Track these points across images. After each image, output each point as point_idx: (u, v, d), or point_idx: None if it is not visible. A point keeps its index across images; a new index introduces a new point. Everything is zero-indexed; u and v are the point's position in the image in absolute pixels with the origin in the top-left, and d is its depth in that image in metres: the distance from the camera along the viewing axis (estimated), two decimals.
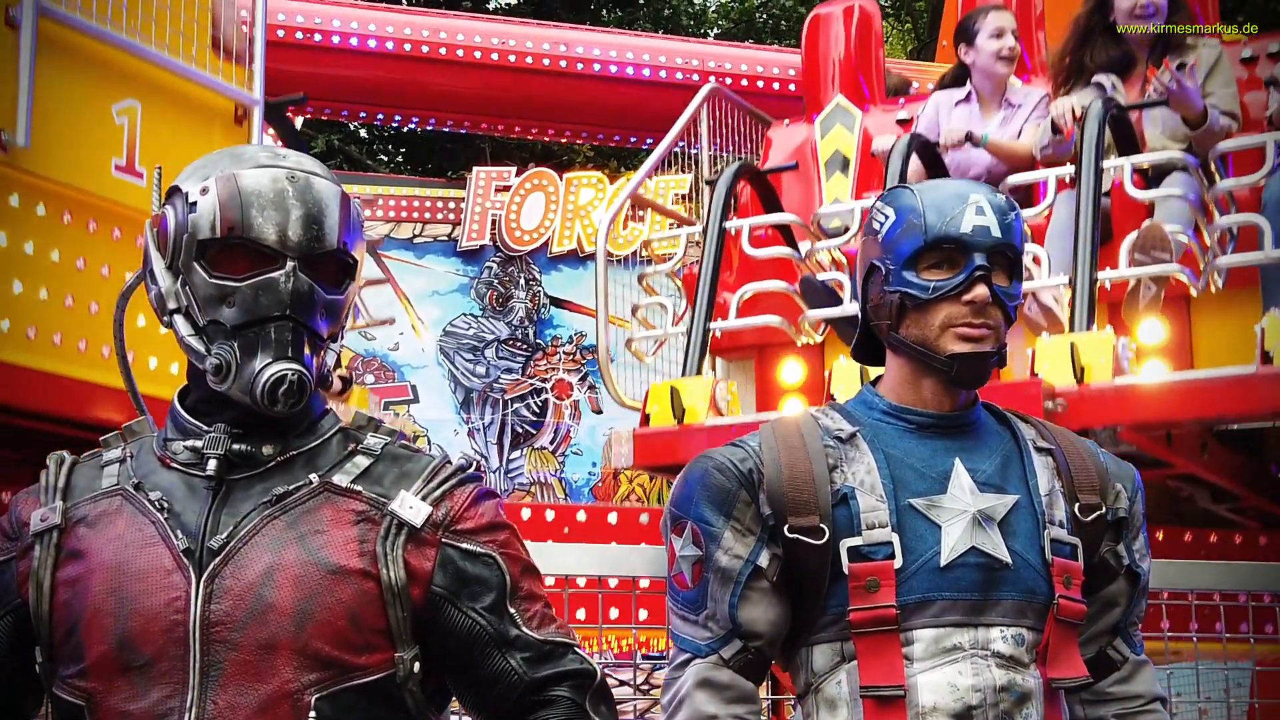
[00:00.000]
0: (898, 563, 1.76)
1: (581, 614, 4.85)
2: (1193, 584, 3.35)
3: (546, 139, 13.13)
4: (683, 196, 6.39)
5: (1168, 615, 4.05)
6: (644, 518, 5.65)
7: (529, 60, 11.01)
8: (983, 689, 1.74)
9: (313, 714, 1.54)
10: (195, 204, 1.61)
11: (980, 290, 1.79)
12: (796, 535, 1.77)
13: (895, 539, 1.76)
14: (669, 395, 5.45)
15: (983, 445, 1.86)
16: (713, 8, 19.64)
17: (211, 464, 1.61)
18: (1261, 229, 4.63)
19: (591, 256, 12.28)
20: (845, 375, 5.02)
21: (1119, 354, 4.59)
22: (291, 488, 1.62)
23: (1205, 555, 5.74)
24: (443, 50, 10.82)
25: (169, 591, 1.56)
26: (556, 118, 11.60)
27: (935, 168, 5.44)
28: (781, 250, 5.63)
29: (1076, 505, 1.84)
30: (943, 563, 1.76)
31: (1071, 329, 4.67)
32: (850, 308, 5.19)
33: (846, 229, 5.38)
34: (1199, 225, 4.83)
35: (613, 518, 5.65)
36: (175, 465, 1.65)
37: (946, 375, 1.82)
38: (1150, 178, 5.01)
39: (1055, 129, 5.08)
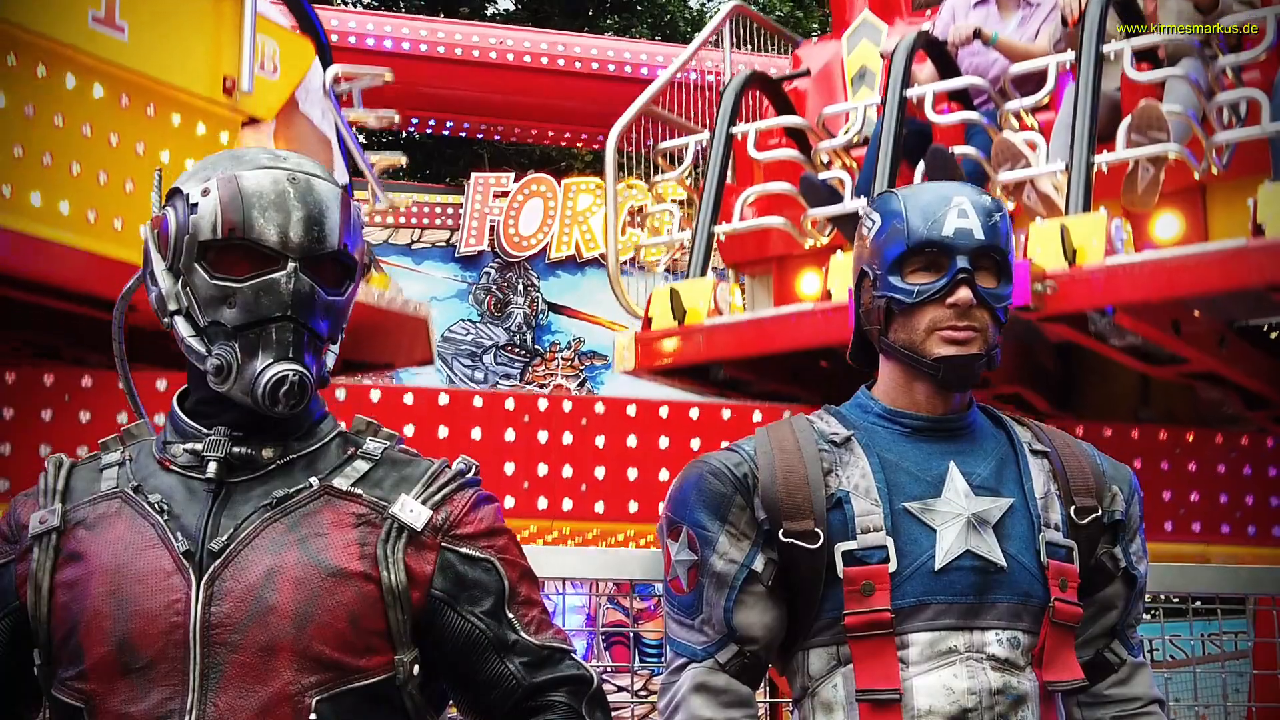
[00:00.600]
0: (892, 566, 1.76)
1: None
2: (1192, 587, 3.34)
3: (547, 141, 13.14)
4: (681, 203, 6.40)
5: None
6: (663, 410, 5.59)
7: (527, 59, 11.04)
8: (978, 692, 1.74)
9: (313, 716, 1.55)
10: (196, 205, 1.61)
11: (963, 293, 1.80)
12: (791, 540, 1.78)
13: (890, 543, 1.77)
14: (669, 298, 5.45)
15: (978, 448, 1.86)
16: (710, 14, 19.65)
17: (212, 467, 1.62)
18: (1261, 104, 4.59)
19: (590, 262, 12.32)
20: (842, 270, 5.04)
21: (1112, 235, 4.58)
22: (292, 491, 1.62)
23: (1237, 459, 5.73)
24: (440, 49, 10.86)
25: (169, 594, 1.56)
26: (556, 119, 11.63)
27: (946, 68, 5.42)
28: (787, 153, 5.66)
29: (1072, 508, 1.85)
30: (937, 566, 1.77)
31: (1067, 213, 4.66)
32: (851, 205, 5.20)
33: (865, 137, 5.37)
34: (1206, 109, 4.79)
35: (631, 410, 5.60)
36: (175, 468, 1.65)
37: (933, 378, 1.83)
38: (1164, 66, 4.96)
39: (1064, 22, 5.07)
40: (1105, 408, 5.96)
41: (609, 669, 8.73)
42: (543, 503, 5.39)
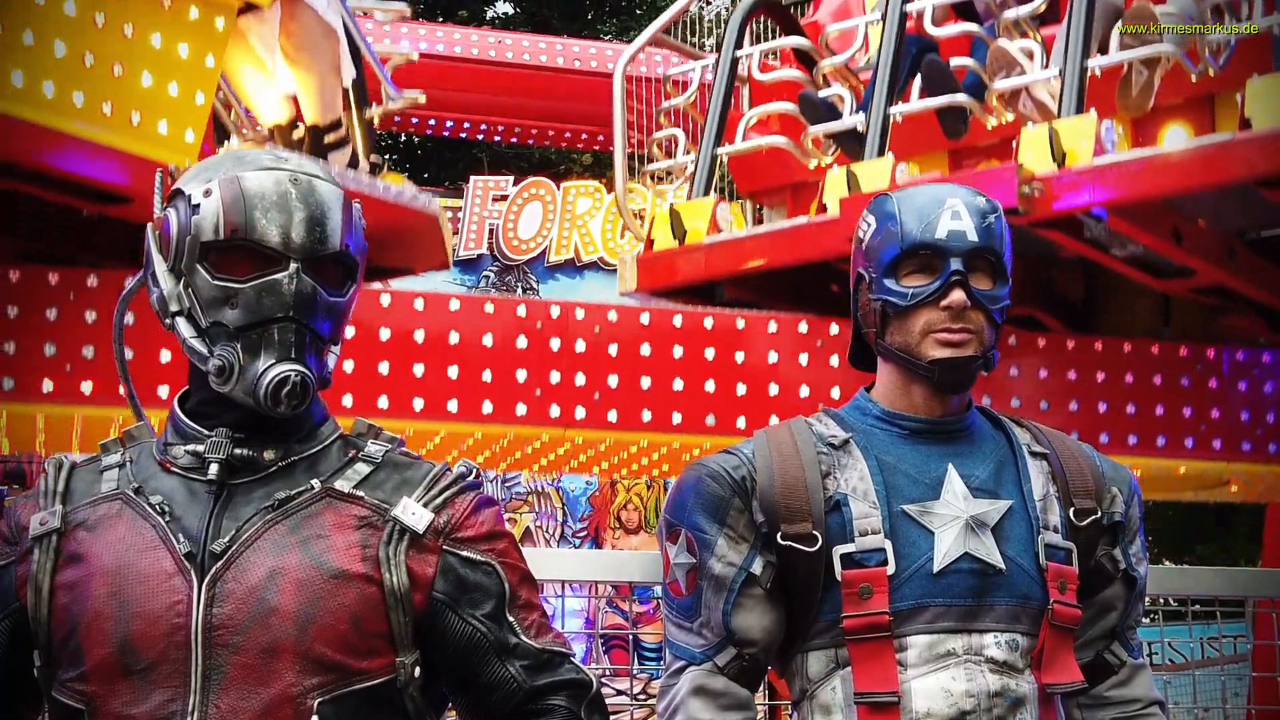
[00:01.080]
0: (891, 569, 1.77)
1: None
2: (1191, 589, 3.34)
3: (547, 141, 13.16)
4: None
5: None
6: (677, 319, 5.48)
7: (525, 58, 11.07)
8: (976, 695, 1.75)
9: (315, 718, 1.55)
10: (198, 206, 1.62)
11: (957, 295, 1.80)
12: (789, 542, 1.78)
13: (888, 545, 1.77)
14: (669, 218, 5.48)
15: (977, 450, 1.87)
16: (709, 18, 19.67)
17: (213, 468, 1.62)
18: (1256, 1, 4.56)
19: (589, 266, 12.31)
20: (837, 185, 5.05)
21: (1102, 136, 4.57)
22: (294, 492, 1.63)
23: (1259, 376, 5.68)
24: (440, 47, 10.89)
25: (170, 595, 1.56)
26: (555, 118, 11.65)
27: None
28: (789, 73, 5.66)
29: (1071, 510, 1.85)
30: (936, 569, 1.77)
31: (1060, 117, 4.67)
32: (850, 120, 5.21)
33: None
34: (1203, 10, 4.76)
35: (645, 318, 5.46)
36: (176, 469, 1.66)
37: (929, 381, 1.83)
38: None
39: None
40: (1126, 330, 5.93)
41: (607, 672, 8.73)
42: (555, 411, 5.28)
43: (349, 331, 4.84)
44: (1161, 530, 14.93)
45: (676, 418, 5.33)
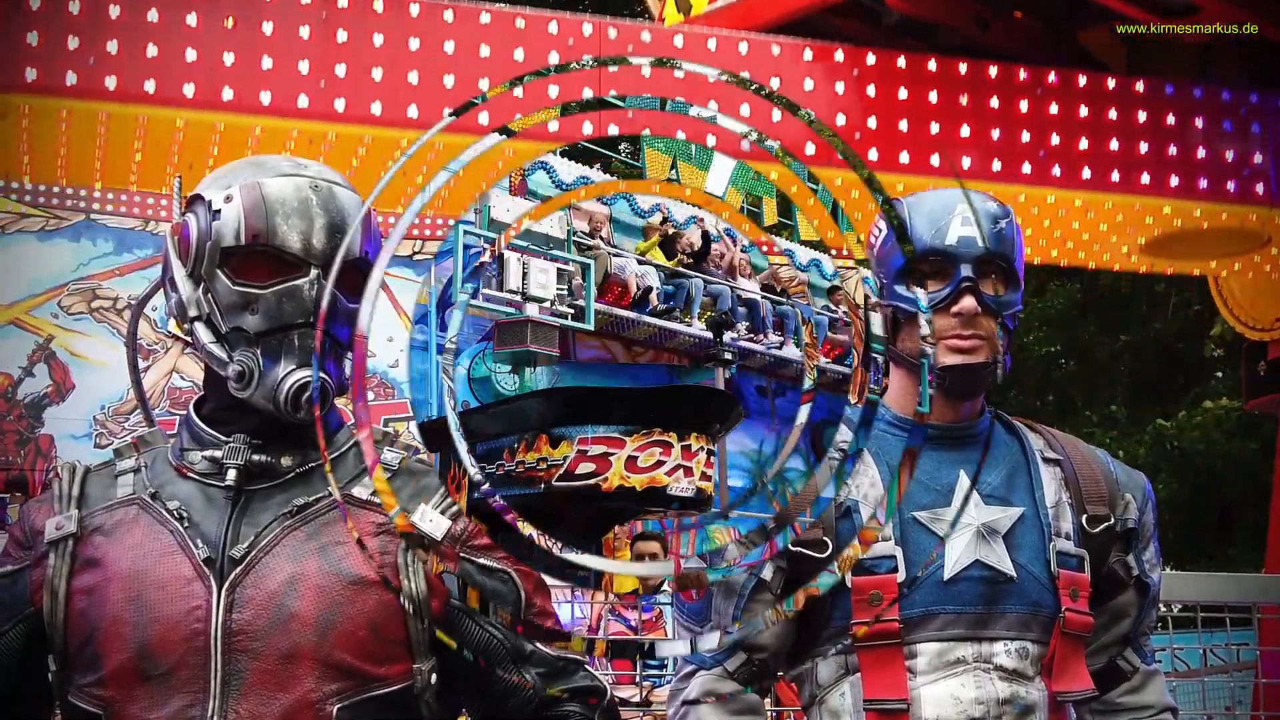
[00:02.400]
0: (901, 576, 1.76)
1: None
2: (1198, 595, 3.33)
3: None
4: None
5: None
6: (711, 43, 5.47)
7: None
8: (985, 702, 1.75)
9: None
10: (219, 212, 1.62)
11: (967, 302, 1.80)
12: (799, 548, 1.78)
13: (898, 553, 1.77)
14: None
15: (989, 457, 1.86)
16: None
17: (231, 474, 1.63)
18: None
19: None
20: None
21: None
22: (312, 499, 1.63)
23: None
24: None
25: (189, 600, 1.57)
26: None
27: None
28: None
29: (1084, 516, 1.85)
30: (946, 576, 1.77)
31: None
32: None
33: None
34: None
35: (678, 40, 5.48)
36: (192, 475, 1.66)
37: (940, 387, 1.83)
38: None
39: None
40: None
41: (611, 679, 8.69)
42: (588, 128, 5.24)
43: (377, 40, 4.88)
44: (1161, 537, 14.90)
45: (711, 140, 5.26)
